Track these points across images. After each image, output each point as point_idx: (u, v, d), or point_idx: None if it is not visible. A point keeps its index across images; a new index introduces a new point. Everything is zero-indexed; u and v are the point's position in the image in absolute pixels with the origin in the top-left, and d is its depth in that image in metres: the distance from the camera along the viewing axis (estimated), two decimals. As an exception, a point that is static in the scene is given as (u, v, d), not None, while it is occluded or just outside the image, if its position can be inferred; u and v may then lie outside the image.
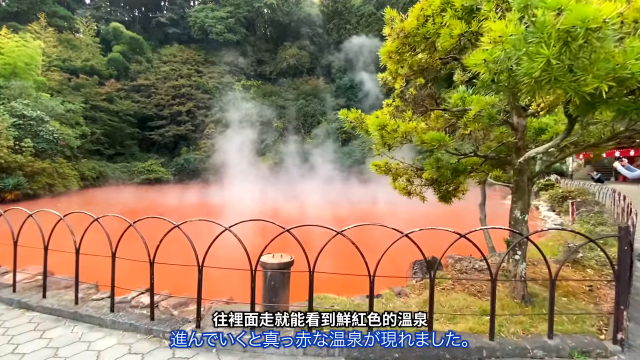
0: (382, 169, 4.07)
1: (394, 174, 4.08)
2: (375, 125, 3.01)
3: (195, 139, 41.00)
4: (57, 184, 22.97)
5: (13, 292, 4.14)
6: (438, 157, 3.69)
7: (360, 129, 3.76)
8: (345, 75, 45.29)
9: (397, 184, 4.40)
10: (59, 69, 35.48)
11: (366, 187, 28.09)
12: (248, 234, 8.71)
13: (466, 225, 12.21)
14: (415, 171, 4.10)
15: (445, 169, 3.48)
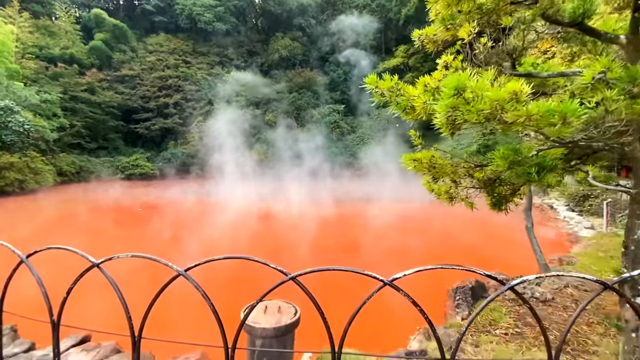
0: (423, 165, 2.76)
1: (439, 171, 2.78)
2: (451, 87, 1.69)
3: (183, 132, 39.12)
4: (29, 180, 21.13)
5: None
6: (516, 149, 2.40)
7: (396, 105, 2.45)
8: (339, 68, 43.85)
9: (437, 187, 3.10)
10: (35, 56, 33.17)
11: (362, 183, 26.92)
12: (228, 265, 7.24)
13: (489, 234, 10.90)
14: (470, 168, 2.81)
15: (525, 164, 2.20)
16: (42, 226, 13.91)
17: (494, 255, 9.04)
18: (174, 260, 1.13)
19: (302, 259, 9.21)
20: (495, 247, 10.01)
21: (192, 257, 9.40)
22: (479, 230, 12.52)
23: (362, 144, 35.65)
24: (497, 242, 10.82)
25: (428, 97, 2.11)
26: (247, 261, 1.30)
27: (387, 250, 10.21)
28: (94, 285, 2.14)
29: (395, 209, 16.73)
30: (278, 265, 1.20)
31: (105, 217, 15.88)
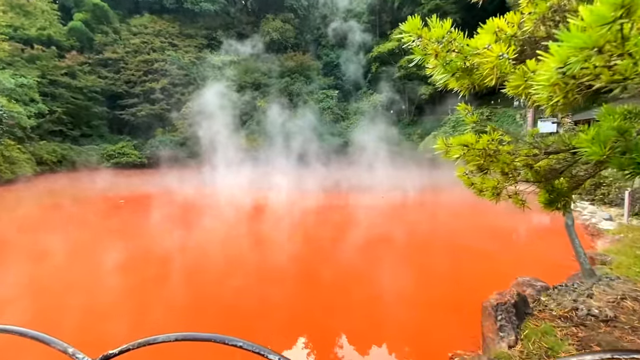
0: (471, 152, 1.89)
1: (494, 160, 1.92)
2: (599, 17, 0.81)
3: (171, 119, 37.69)
4: (4, 169, 19.95)
5: None
6: (623, 129, 1.51)
7: (445, 65, 1.58)
8: (332, 52, 42.42)
9: (479, 180, 2.24)
10: (9, 37, 31.22)
11: (356, 170, 26.17)
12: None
13: (494, 226, 10.10)
14: (533, 157, 1.93)
15: (634, 151, 1.33)
16: (19, 219, 12.96)
17: (514, 254, 8.36)
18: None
19: (296, 254, 8.47)
20: (511, 244, 9.35)
21: (183, 255, 8.59)
22: (484, 222, 11.85)
23: (355, 130, 34.69)
24: (510, 238, 10.16)
25: (504, 49, 1.25)
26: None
27: (394, 243, 9.49)
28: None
29: (395, 198, 16.00)
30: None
31: (88, 209, 14.94)
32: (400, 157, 29.49)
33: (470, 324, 3.97)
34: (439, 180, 21.36)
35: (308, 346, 4.44)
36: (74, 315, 5.29)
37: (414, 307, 5.30)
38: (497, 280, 6.01)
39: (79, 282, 6.71)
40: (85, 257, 8.49)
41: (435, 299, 5.50)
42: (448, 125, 30.16)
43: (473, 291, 5.52)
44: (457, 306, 5.06)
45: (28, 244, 9.54)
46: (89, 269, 7.54)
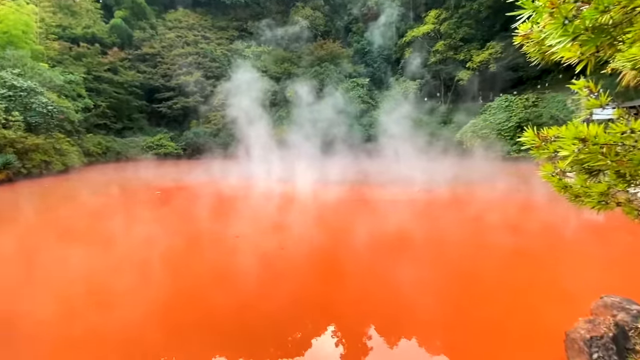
0: (591, 151, 1.48)
1: (617, 160, 1.50)
2: None
3: (204, 111, 38.70)
4: (55, 161, 21.43)
5: None
6: None
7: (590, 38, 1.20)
8: (363, 39, 41.16)
9: (579, 183, 1.81)
10: (58, 37, 33.29)
11: (388, 161, 25.44)
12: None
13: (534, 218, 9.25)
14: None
15: None
16: (79, 208, 13.85)
17: (582, 263, 7.67)
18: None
19: (332, 255, 8.31)
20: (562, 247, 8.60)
21: (223, 243, 8.73)
22: (537, 221, 11.06)
23: (386, 118, 33.65)
24: (574, 242, 9.37)
25: None
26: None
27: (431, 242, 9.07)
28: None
29: (431, 192, 15.33)
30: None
31: (135, 198, 15.71)
32: (435, 146, 28.27)
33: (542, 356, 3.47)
34: (479, 172, 20.20)
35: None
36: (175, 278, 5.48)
37: (466, 331, 4.77)
38: (565, 297, 5.42)
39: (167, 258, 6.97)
40: (155, 239, 8.84)
41: (493, 321, 4.82)
42: (488, 112, 28.37)
43: (538, 310, 4.92)
44: (521, 332, 4.43)
45: (96, 229, 10.13)
46: (166, 249, 7.83)
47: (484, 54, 31.24)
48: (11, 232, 10.09)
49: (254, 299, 5.65)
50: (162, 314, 5.11)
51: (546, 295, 5.50)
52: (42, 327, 4.71)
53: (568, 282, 6.08)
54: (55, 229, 10.68)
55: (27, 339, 4.46)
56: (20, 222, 11.30)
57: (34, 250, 8.33)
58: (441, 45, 34.17)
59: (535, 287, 5.82)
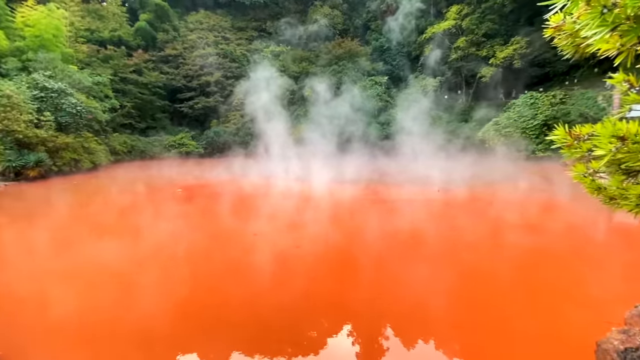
0: (631, 150, 1.36)
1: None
2: None
3: (224, 110, 39.41)
4: (84, 159, 22.41)
5: None
6: None
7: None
8: (382, 36, 40.65)
9: (613, 185, 1.69)
10: (87, 40, 34.71)
11: (407, 160, 25.06)
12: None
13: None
14: None
15: None
16: (109, 203, 14.45)
17: (612, 268, 7.35)
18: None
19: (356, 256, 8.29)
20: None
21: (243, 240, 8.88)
22: (564, 224, 10.65)
23: (406, 117, 33.15)
24: (603, 245, 9.00)
25: None
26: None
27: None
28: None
29: (452, 192, 14.99)
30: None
31: (160, 194, 16.21)
32: (456, 145, 27.61)
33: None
34: (501, 172, 19.58)
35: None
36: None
37: (487, 335, 4.62)
38: (593, 304, 5.15)
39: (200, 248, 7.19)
40: (176, 234, 9.11)
41: (516, 327, 4.63)
42: (512, 110, 27.40)
43: (564, 317, 4.69)
44: (546, 339, 4.20)
45: (121, 224, 10.54)
46: (197, 241, 8.06)
47: (508, 49, 30.19)
48: (45, 224, 10.63)
49: (268, 293, 5.70)
50: (182, 303, 5.23)
51: (573, 301, 5.25)
52: (68, 309, 4.93)
53: (596, 288, 5.79)
54: (84, 222, 11.17)
55: (62, 323, 4.68)
56: (53, 215, 11.88)
57: (66, 241, 8.73)
58: (463, 42, 33.30)
59: (560, 292, 5.58)
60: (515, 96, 31.20)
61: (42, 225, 10.67)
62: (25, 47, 26.33)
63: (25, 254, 8.00)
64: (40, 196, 15.60)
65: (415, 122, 28.10)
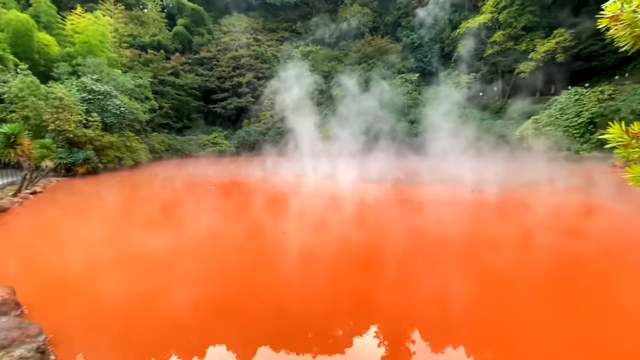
0: None
1: None
2: None
3: (255, 110, 40.38)
4: (126, 157, 23.88)
5: None
6: None
7: None
8: (413, 33, 39.79)
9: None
10: (130, 45, 36.89)
11: (439, 160, 24.40)
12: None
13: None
14: None
15: None
16: (154, 197, 15.40)
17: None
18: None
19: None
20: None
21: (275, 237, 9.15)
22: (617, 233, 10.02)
23: (438, 115, 32.27)
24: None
25: None
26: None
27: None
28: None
29: (487, 194, 14.47)
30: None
31: (195, 191, 17.02)
32: (491, 144, 26.51)
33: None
34: (541, 173, 18.56)
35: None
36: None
37: (523, 346, 4.50)
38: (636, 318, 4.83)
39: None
40: (209, 229, 9.58)
41: (551, 336, 4.54)
42: (554, 107, 25.85)
43: (622, 337, 4.47)
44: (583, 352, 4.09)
45: (159, 218, 11.22)
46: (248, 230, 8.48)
47: (550, 42, 28.44)
48: (94, 216, 11.49)
49: (295, 290, 5.83)
50: (213, 295, 5.48)
51: (615, 313, 4.93)
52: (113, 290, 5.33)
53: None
54: (128, 214, 11.98)
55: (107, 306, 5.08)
56: (101, 208, 12.82)
57: (112, 231, 9.41)
58: (500, 36, 31.84)
59: (601, 302, 5.25)
60: (556, 92, 29.40)
61: (91, 217, 11.54)
62: (74, 53, 28.47)
63: (75, 242, 8.71)
64: (89, 190, 16.85)
65: (447, 119, 27.29)
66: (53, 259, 7.32)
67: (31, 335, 3.85)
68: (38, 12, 29.69)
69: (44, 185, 16.15)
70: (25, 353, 3.50)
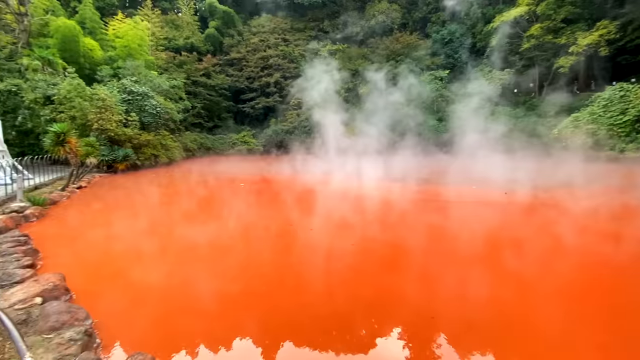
0: None
1: None
2: None
3: (282, 110, 41.03)
4: (161, 155, 25.18)
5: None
6: None
7: None
8: (443, 28, 38.67)
9: None
10: (165, 48, 38.70)
11: (470, 159, 23.65)
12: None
13: None
14: None
15: None
16: (193, 191, 16.26)
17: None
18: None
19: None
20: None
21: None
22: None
23: (469, 113, 31.23)
24: None
25: None
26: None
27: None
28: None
29: (522, 196, 13.93)
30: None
31: (226, 187, 17.75)
32: (526, 143, 25.32)
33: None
34: (582, 174, 17.51)
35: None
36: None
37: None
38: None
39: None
40: (239, 224, 10.04)
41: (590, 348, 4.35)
42: (597, 104, 24.25)
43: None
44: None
45: (193, 211, 11.85)
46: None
47: (593, 35, 26.65)
48: (136, 208, 12.30)
49: (322, 287, 5.96)
50: (240, 285, 5.75)
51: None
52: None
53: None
54: (166, 207, 12.73)
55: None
56: (143, 201, 13.68)
57: (153, 222, 10.05)
58: (537, 29, 30.28)
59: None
60: (596, 88, 27.55)
61: (132, 210, 12.36)
62: (115, 56, 30.32)
63: (117, 233, 9.38)
64: (129, 185, 18.01)
65: (478, 117, 26.37)
66: (98, 248, 7.95)
67: (79, 319, 4.19)
68: (84, 19, 31.86)
69: (88, 181, 17.40)
70: (74, 335, 3.82)
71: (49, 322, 3.99)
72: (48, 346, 3.61)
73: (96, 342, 4.01)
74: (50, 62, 23.86)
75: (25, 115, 20.12)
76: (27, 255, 6.43)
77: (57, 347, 3.59)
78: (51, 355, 3.46)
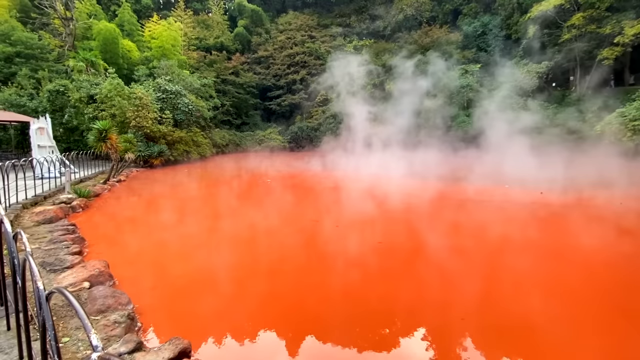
0: None
1: None
2: None
3: (307, 107, 41.23)
4: (193, 151, 26.19)
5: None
6: None
7: None
8: (475, 20, 37.10)
9: None
10: (196, 47, 39.99)
11: (503, 157, 22.71)
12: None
13: None
14: None
15: None
16: (227, 185, 16.94)
17: None
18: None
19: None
20: None
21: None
22: None
23: (503, 108, 29.89)
24: None
25: None
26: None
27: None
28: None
29: (561, 196, 13.27)
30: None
31: (255, 182, 18.27)
32: (566, 140, 23.94)
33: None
34: (626, 175, 16.32)
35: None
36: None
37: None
38: None
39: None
40: (268, 219, 10.36)
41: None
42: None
43: None
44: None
45: (230, 203, 12.34)
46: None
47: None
48: (173, 200, 12.96)
49: (348, 285, 6.02)
50: (264, 275, 5.93)
51: None
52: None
53: None
54: (200, 199, 13.35)
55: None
56: (179, 193, 14.38)
57: (189, 213, 10.56)
58: (579, 18, 28.32)
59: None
60: (635, 82, 25.41)
61: (169, 201, 13.06)
62: (151, 57, 31.79)
63: (156, 223, 9.94)
64: (165, 179, 19.00)
65: (512, 112, 25.21)
66: (138, 237, 8.49)
67: (122, 304, 4.54)
68: (122, 22, 33.62)
69: (126, 175, 18.48)
70: (118, 318, 4.14)
71: (96, 305, 4.35)
72: (96, 327, 3.94)
73: (137, 325, 4.30)
74: (93, 63, 25.45)
75: (71, 114, 21.65)
76: (75, 243, 6.98)
77: (103, 329, 3.90)
78: (99, 336, 3.78)
